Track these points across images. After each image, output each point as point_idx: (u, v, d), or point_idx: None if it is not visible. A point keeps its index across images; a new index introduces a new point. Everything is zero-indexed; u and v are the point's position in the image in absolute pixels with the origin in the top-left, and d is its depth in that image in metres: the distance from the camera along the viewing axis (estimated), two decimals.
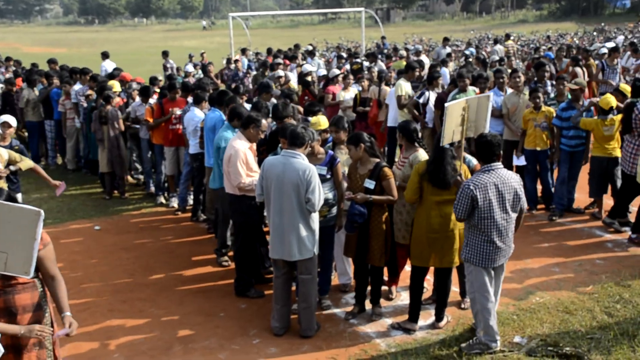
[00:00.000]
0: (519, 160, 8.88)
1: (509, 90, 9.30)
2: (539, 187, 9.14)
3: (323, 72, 13.56)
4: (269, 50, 20.29)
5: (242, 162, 6.38)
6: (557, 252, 7.61)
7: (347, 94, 11.03)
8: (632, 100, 8.10)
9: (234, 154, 6.37)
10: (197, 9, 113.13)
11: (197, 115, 8.69)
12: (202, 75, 14.99)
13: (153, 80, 11.60)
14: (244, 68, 17.26)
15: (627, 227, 8.11)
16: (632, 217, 8.14)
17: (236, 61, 17.35)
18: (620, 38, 26.86)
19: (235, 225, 6.81)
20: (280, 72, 12.78)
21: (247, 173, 6.42)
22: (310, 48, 21.15)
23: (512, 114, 9.01)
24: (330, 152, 6.23)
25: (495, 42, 21.78)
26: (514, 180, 5.20)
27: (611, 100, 8.14)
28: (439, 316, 5.91)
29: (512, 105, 9.00)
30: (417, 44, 29.69)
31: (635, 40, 18.70)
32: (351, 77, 11.42)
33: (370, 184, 5.75)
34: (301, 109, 8.64)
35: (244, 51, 20.62)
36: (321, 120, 6.64)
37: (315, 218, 5.66)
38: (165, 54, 20.84)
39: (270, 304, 6.08)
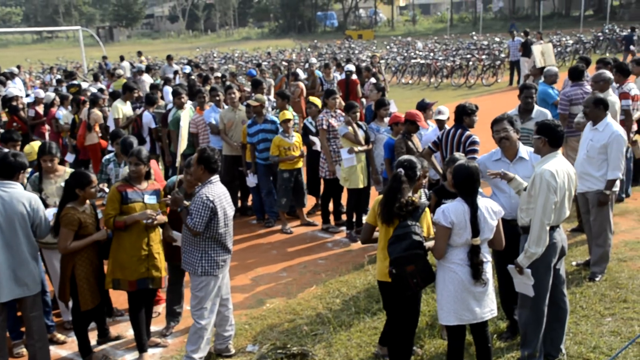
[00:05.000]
0: (252, 180, 9.05)
1: (226, 106, 9.54)
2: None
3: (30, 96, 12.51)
4: None
5: None
6: (284, 258, 8.01)
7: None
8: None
9: None
10: None
11: None
12: None
13: None
14: None
15: (343, 226, 8.83)
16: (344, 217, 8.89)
17: None
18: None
19: None
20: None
21: None
22: (16, 70, 19.38)
23: (229, 129, 9.17)
24: None
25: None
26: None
27: (288, 115, 8.66)
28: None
29: (228, 120, 9.15)
30: (141, 62, 29.08)
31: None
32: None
33: None
34: None
35: None
36: (34, 147, 6.41)
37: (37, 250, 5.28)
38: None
39: None
